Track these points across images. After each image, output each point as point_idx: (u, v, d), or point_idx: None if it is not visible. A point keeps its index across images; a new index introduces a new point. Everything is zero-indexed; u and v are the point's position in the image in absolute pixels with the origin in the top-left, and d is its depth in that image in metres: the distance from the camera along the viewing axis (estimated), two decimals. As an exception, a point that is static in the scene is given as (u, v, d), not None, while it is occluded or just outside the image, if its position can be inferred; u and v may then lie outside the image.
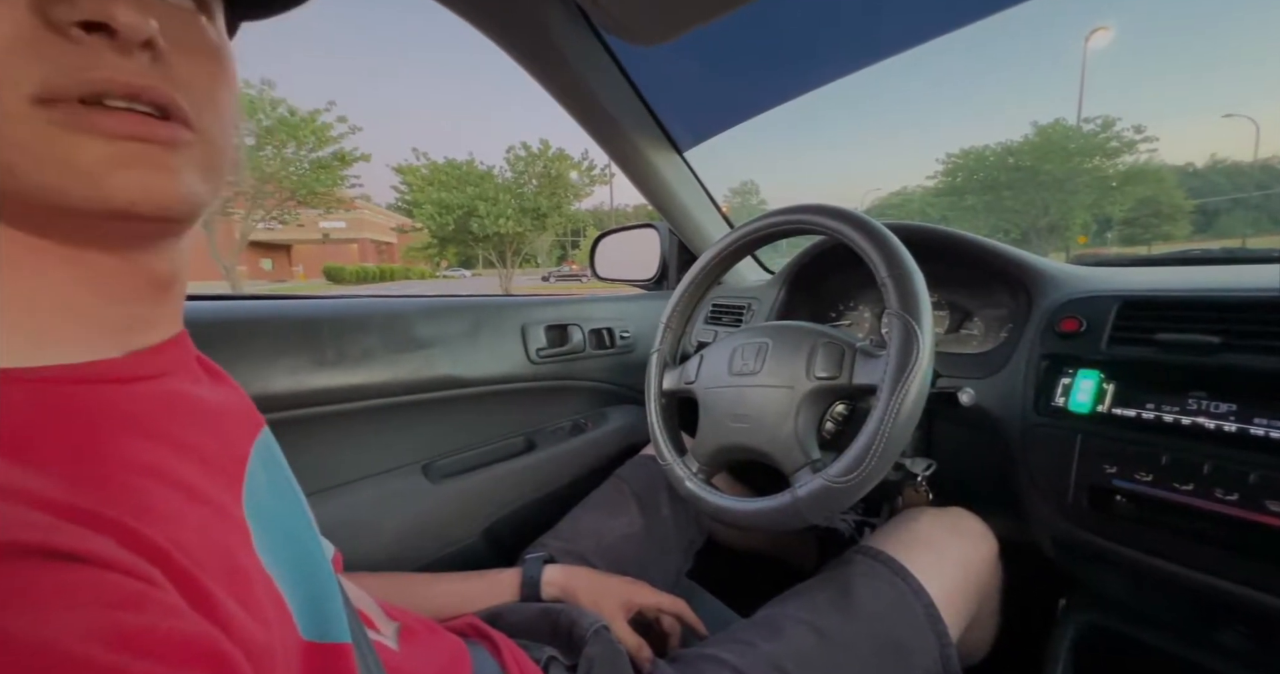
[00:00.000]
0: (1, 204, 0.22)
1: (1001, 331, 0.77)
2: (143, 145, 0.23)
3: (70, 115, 0.21)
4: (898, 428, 0.50)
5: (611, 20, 0.68)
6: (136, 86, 0.22)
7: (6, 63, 0.20)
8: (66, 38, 0.21)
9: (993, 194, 21.79)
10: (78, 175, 0.22)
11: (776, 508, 0.55)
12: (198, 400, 0.30)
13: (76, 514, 0.19)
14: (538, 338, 0.94)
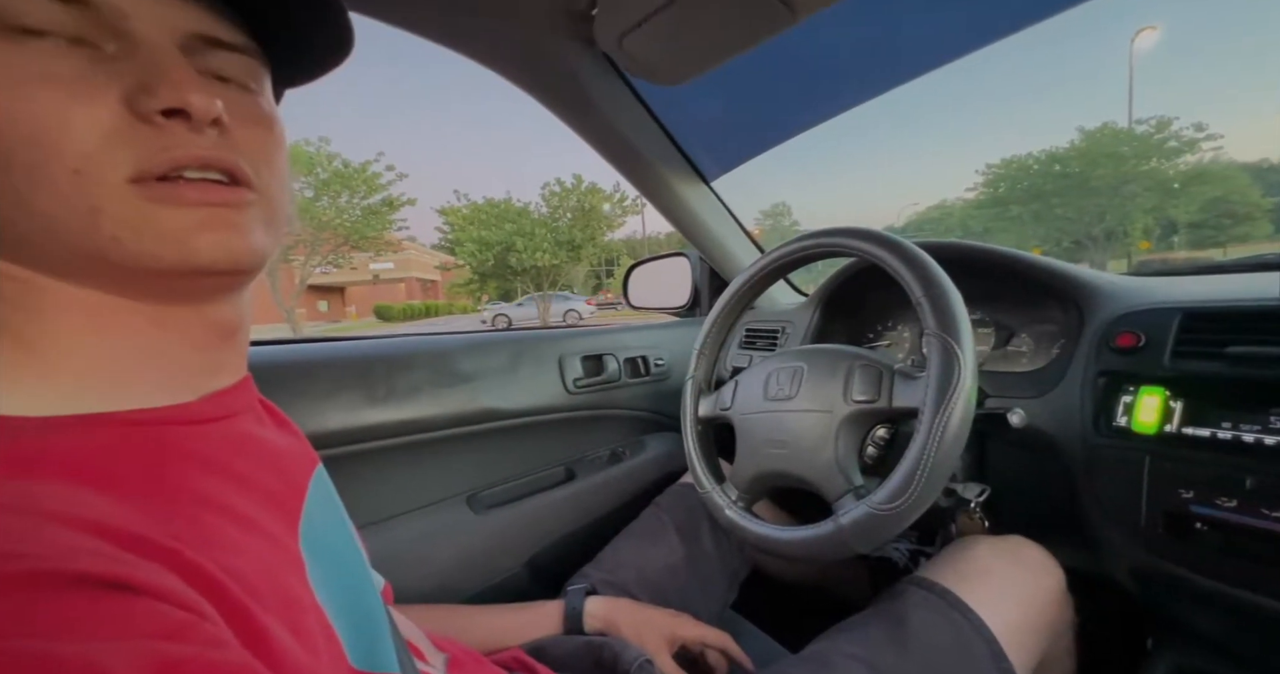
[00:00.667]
0: (104, 271, 0.25)
1: (1053, 348, 0.73)
2: (217, 209, 0.26)
3: (159, 190, 0.25)
4: (943, 452, 0.48)
5: (636, 65, 0.71)
6: (209, 158, 0.26)
7: (106, 151, 0.23)
8: (151, 124, 0.24)
9: (1040, 203, 20.88)
10: (169, 241, 0.25)
11: (820, 537, 0.53)
12: (261, 440, 0.33)
13: (139, 545, 0.21)
14: (574, 368, 0.96)
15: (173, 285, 0.27)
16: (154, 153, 0.24)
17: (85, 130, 0.23)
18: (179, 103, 0.24)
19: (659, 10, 0.59)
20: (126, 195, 0.24)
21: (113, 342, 0.27)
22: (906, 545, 0.84)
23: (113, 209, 0.24)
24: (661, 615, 0.62)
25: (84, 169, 0.23)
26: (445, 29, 0.66)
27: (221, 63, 0.27)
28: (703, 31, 0.63)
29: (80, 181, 0.23)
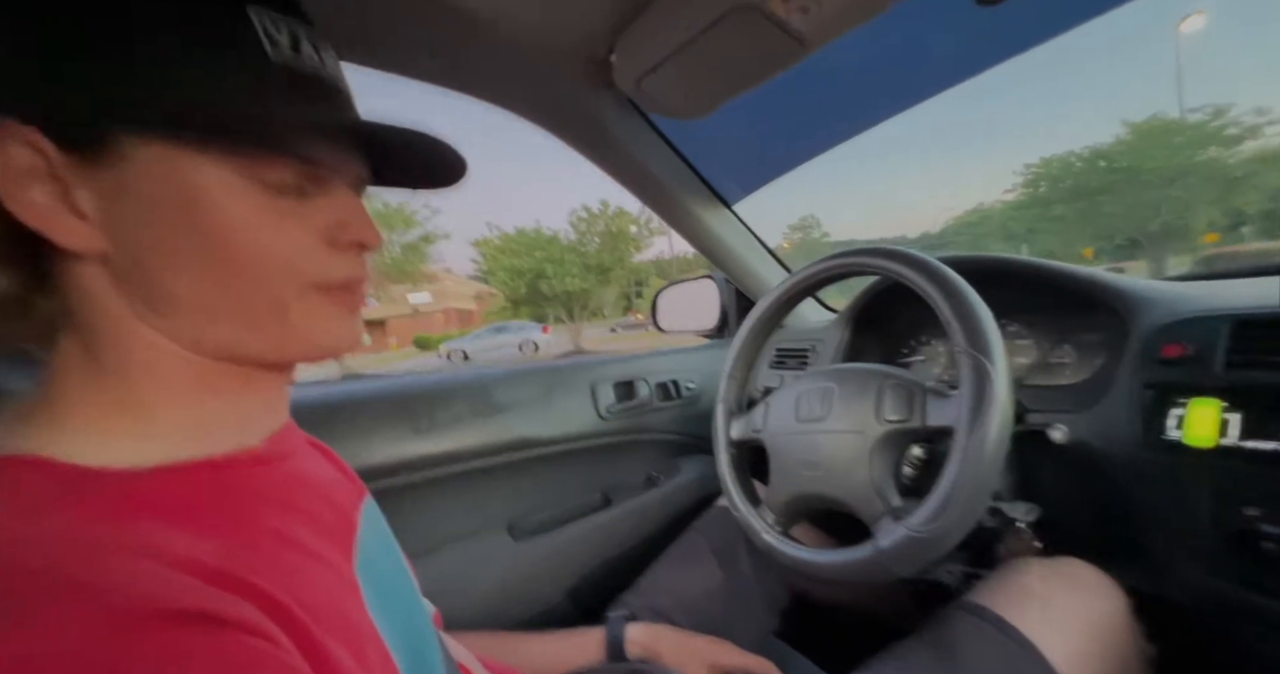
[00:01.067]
0: (241, 345, 0.30)
1: (1096, 359, 0.71)
2: (356, 307, 0.34)
3: (332, 297, 0.32)
4: (980, 471, 0.47)
5: (655, 103, 0.75)
6: (364, 275, 0.33)
7: (305, 263, 0.30)
8: (337, 249, 0.31)
9: (1086, 201, 19.93)
10: (323, 332, 0.32)
11: (859, 560, 0.53)
12: (314, 475, 0.37)
13: (222, 579, 0.24)
14: (606, 395, 0.98)
15: (300, 361, 0.34)
16: (337, 269, 0.31)
17: (298, 252, 0.30)
18: (363, 238, 0.32)
19: (674, 53, 0.63)
20: (308, 296, 0.31)
21: (210, 401, 0.31)
22: (960, 568, 0.81)
23: (297, 305, 0.30)
24: (703, 642, 0.62)
25: (287, 277, 0.30)
26: (471, 82, 0.71)
27: (361, 191, 0.35)
28: (717, 69, 0.65)
29: (283, 285, 0.30)
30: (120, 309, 0.28)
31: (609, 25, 0.62)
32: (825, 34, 0.57)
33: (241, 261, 0.28)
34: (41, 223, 0.26)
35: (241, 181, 0.28)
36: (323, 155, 0.30)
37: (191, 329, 0.29)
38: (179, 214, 0.27)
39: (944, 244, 27.56)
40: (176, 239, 0.27)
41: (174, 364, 0.30)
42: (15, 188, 0.26)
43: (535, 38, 0.63)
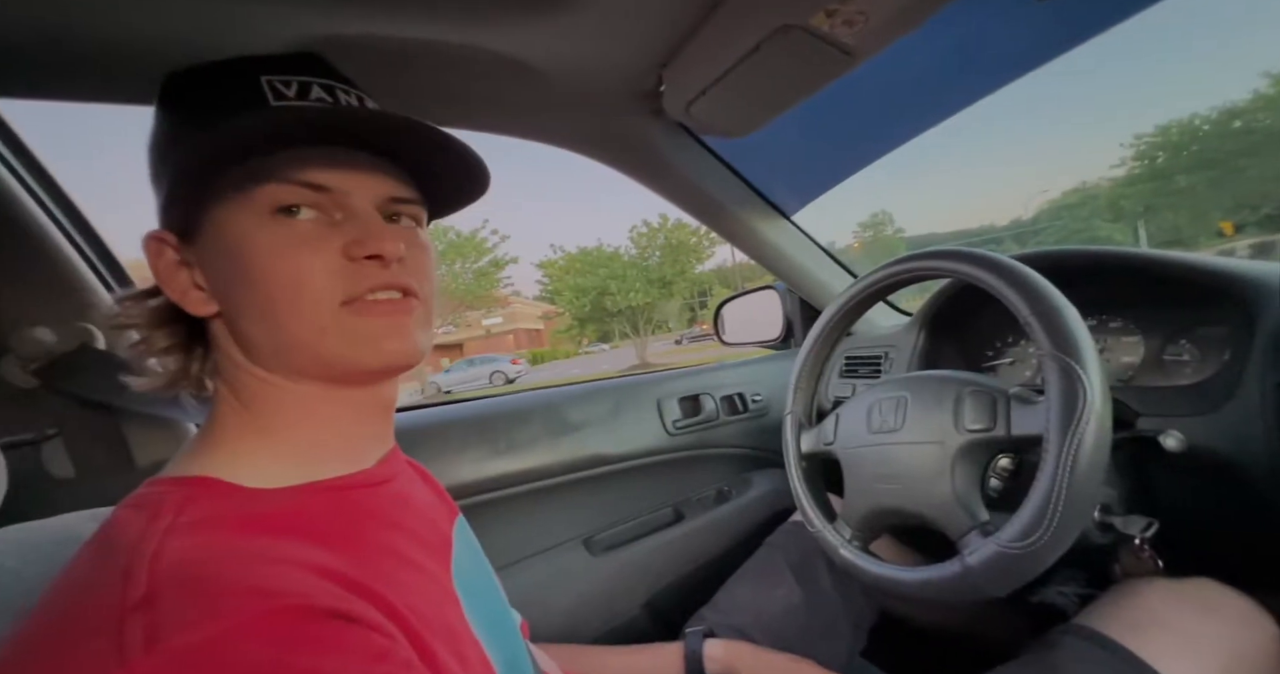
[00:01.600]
0: (323, 371, 0.35)
1: (1221, 356, 0.63)
2: (394, 320, 0.35)
3: (358, 307, 0.34)
4: (1077, 482, 0.44)
5: (705, 126, 0.77)
6: (390, 282, 0.35)
7: (330, 285, 0.33)
8: (356, 263, 0.34)
9: (1218, 169, 17.31)
10: (367, 347, 0.34)
11: (945, 578, 0.50)
12: (415, 497, 0.41)
13: (351, 586, 0.28)
14: (672, 410, 1.00)
15: (364, 378, 0.36)
16: (356, 282, 0.34)
17: (321, 274, 0.33)
18: (378, 250, 0.33)
19: (721, 77, 0.64)
20: (340, 315, 0.33)
21: (318, 425, 0.36)
22: (1075, 589, 0.74)
23: (332, 326, 0.33)
24: (783, 660, 0.61)
25: (319, 300, 0.33)
26: (527, 127, 0.76)
27: (400, 210, 0.37)
28: (765, 87, 0.66)
29: (316, 309, 0.33)
30: (238, 355, 0.35)
31: (657, 58, 0.65)
32: (874, 45, 0.57)
33: (275, 291, 0.32)
34: (182, 299, 0.35)
35: (265, 219, 0.32)
36: (326, 178, 0.33)
37: (278, 362, 0.34)
38: (234, 265, 0.33)
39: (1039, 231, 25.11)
40: (239, 288, 0.33)
41: (283, 396, 0.35)
42: (169, 277, 0.35)
43: (588, 80, 0.67)
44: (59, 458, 0.61)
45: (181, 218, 0.34)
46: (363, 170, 0.35)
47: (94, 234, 0.67)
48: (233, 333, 0.35)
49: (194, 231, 0.34)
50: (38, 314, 0.58)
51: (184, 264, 0.35)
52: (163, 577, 0.24)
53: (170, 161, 0.34)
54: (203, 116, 0.34)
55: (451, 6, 0.52)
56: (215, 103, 0.34)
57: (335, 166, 0.34)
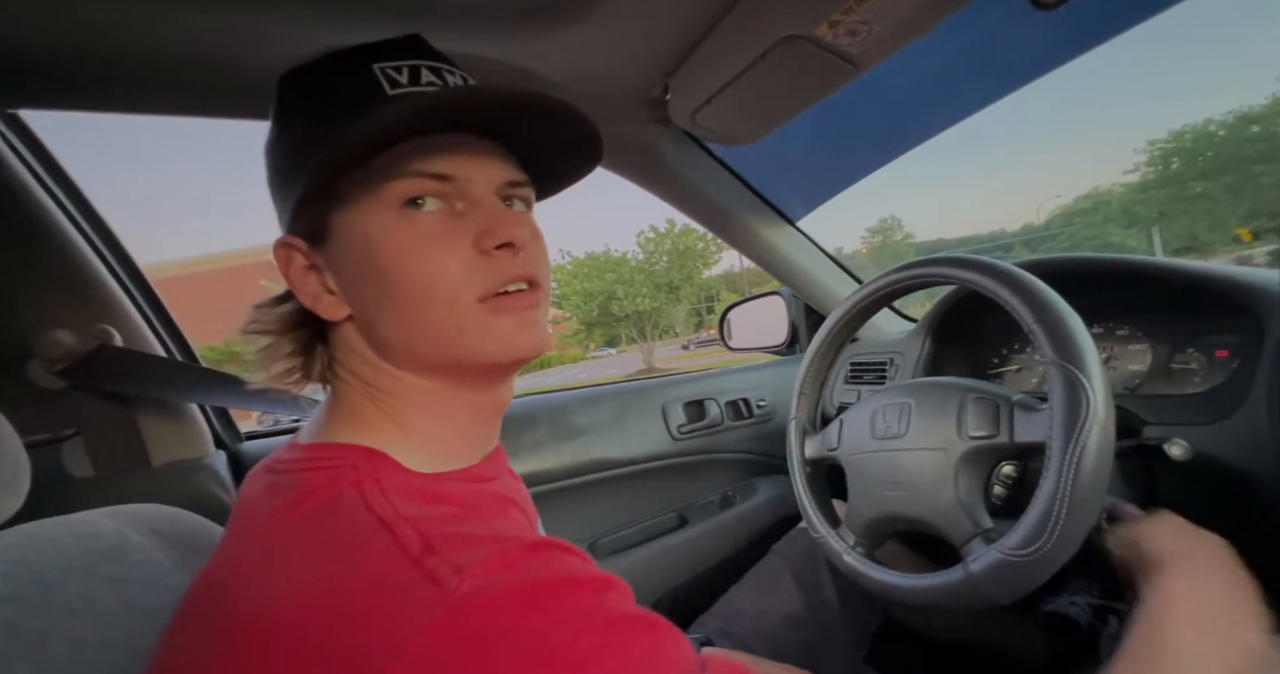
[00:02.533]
0: (452, 369, 0.35)
1: (1232, 364, 0.63)
2: (525, 313, 0.35)
3: (495, 304, 0.34)
4: (1080, 490, 0.44)
5: (710, 134, 0.78)
6: (523, 274, 0.34)
7: (465, 278, 0.33)
8: (489, 256, 0.33)
9: (1235, 174, 16.99)
10: (501, 341, 0.34)
11: (948, 585, 0.50)
12: (513, 494, 0.42)
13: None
14: (677, 415, 1.00)
15: (491, 375, 0.37)
16: (492, 276, 0.33)
17: (456, 271, 0.33)
18: (509, 238, 0.33)
19: (726, 86, 0.65)
20: (478, 312, 0.33)
21: (443, 421, 0.37)
22: (1088, 599, 0.73)
23: (470, 324, 0.33)
24: (779, 670, 0.61)
25: (455, 298, 0.33)
26: None
27: (514, 194, 0.37)
28: (770, 96, 0.67)
29: (454, 308, 0.33)
30: (372, 355, 0.35)
31: (663, 67, 0.66)
32: (877, 54, 0.58)
33: (411, 292, 0.32)
34: (314, 304, 0.35)
35: (392, 216, 0.32)
36: (449, 167, 0.33)
37: (412, 361, 0.35)
38: (366, 266, 0.33)
39: (1051, 237, 24.84)
40: (372, 290, 0.33)
41: (415, 393, 0.35)
42: (301, 283, 0.35)
43: (594, 90, 0.68)
44: (78, 457, 0.62)
45: (309, 222, 0.34)
46: (480, 156, 0.34)
47: (112, 237, 0.69)
48: (365, 335, 0.35)
49: (321, 235, 0.34)
50: (58, 317, 0.60)
51: (313, 268, 0.35)
52: (424, 529, 0.27)
53: (296, 167, 0.33)
54: (324, 116, 0.33)
55: (461, 18, 0.53)
56: (333, 99, 0.33)
57: (456, 154, 0.33)
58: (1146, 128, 47.20)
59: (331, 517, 0.28)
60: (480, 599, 0.24)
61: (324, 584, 0.25)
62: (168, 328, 0.73)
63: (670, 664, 0.27)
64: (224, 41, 0.51)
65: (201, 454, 0.70)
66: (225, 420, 0.78)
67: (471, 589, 0.24)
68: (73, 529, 0.39)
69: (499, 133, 0.35)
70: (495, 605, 0.24)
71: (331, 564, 0.26)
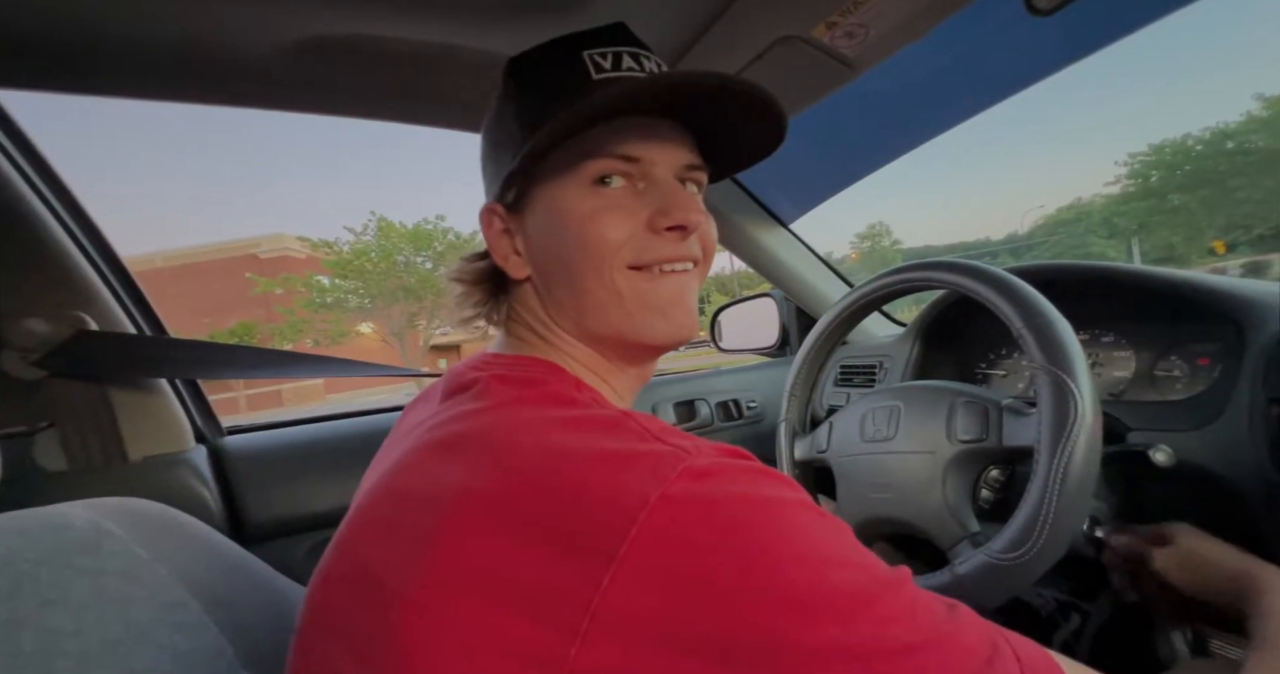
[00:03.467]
0: (613, 339, 0.38)
1: (1214, 371, 0.64)
2: (682, 290, 0.38)
3: (651, 277, 0.37)
4: (1067, 495, 0.44)
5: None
6: (683, 254, 0.37)
7: (622, 246, 0.36)
8: (659, 235, 0.36)
9: (1211, 188, 17.42)
10: (657, 314, 0.37)
11: (935, 588, 0.50)
12: None
13: None
14: (667, 415, 1.00)
15: (648, 351, 0.40)
16: (649, 251, 0.36)
17: (617, 237, 0.36)
18: (683, 221, 0.36)
19: None
20: (631, 278, 0.36)
21: (599, 382, 0.39)
22: (1055, 594, 0.74)
23: (627, 291, 0.36)
24: None
25: (608, 259, 0.36)
26: None
27: (693, 176, 0.39)
28: (764, 96, 0.67)
29: (605, 268, 0.36)
30: (544, 315, 0.39)
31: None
32: (873, 56, 0.58)
33: (584, 248, 0.35)
34: (505, 263, 0.40)
35: (585, 190, 0.36)
36: (638, 149, 0.36)
37: (577, 326, 0.38)
38: (551, 231, 0.37)
39: (1034, 246, 25.27)
40: (551, 252, 0.37)
41: (579, 353, 0.39)
42: (496, 244, 0.40)
43: None
44: (52, 450, 0.60)
45: (513, 192, 0.38)
46: (665, 140, 0.37)
47: (90, 223, 0.67)
48: (542, 296, 0.39)
49: (521, 204, 0.38)
50: (31, 305, 0.58)
51: (507, 233, 0.39)
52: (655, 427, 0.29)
53: (508, 143, 0.37)
54: (539, 99, 0.37)
55: (456, 7, 0.52)
56: (547, 84, 0.37)
57: (645, 137, 0.36)
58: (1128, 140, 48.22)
59: (571, 405, 0.31)
60: (718, 470, 0.26)
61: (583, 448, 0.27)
62: (145, 315, 0.71)
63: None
64: (215, 26, 0.50)
65: (181, 448, 0.68)
66: (206, 414, 0.76)
67: (709, 463, 0.26)
68: (43, 521, 0.37)
69: (686, 116, 0.38)
70: (731, 476, 0.26)
71: (588, 436, 0.28)
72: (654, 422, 0.30)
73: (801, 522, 0.26)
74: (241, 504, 0.70)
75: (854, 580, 0.24)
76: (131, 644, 0.34)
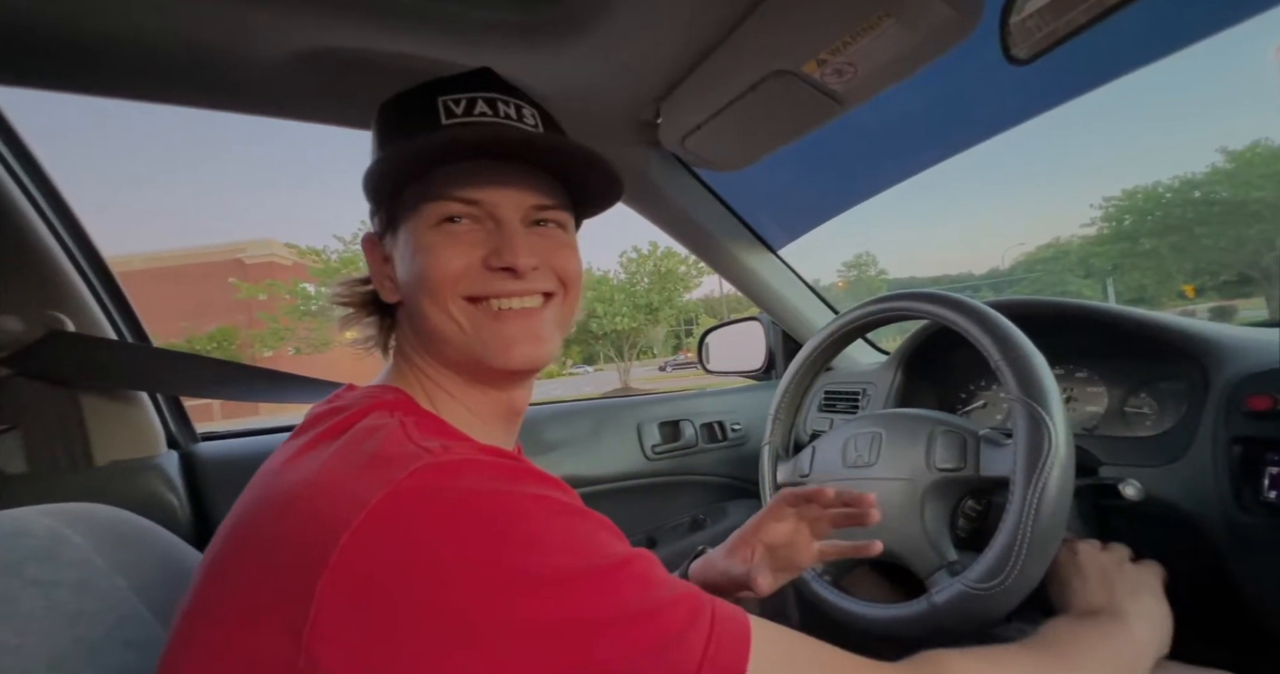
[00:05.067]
0: (465, 365, 0.40)
1: (1178, 410, 0.66)
2: (527, 325, 0.40)
3: (494, 315, 0.39)
4: (1041, 526, 0.45)
5: (698, 159, 0.80)
6: (526, 290, 0.40)
7: (459, 279, 0.38)
8: (493, 272, 0.38)
9: (1180, 234, 18.24)
10: (499, 348, 0.39)
11: (910, 616, 0.50)
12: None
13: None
14: (652, 435, 0.99)
15: (496, 378, 0.42)
16: (483, 285, 0.39)
17: (455, 270, 0.38)
18: (511, 264, 0.38)
19: (716, 114, 0.67)
20: (468, 310, 0.39)
21: (465, 413, 0.41)
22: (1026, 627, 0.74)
23: (466, 322, 0.39)
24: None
25: (446, 291, 0.38)
26: None
27: (547, 216, 0.42)
28: (758, 126, 0.69)
29: (443, 298, 0.38)
30: (413, 338, 0.42)
31: (655, 92, 0.68)
32: (861, 93, 0.60)
33: (425, 279, 0.38)
34: (380, 288, 0.43)
35: (431, 225, 0.39)
36: (480, 193, 0.38)
37: (434, 351, 0.40)
38: (407, 261, 0.39)
39: (1014, 281, 25.96)
40: (409, 282, 0.39)
41: (439, 375, 0.41)
42: (376, 270, 0.43)
43: (588, 108, 0.69)
44: (13, 452, 0.58)
45: (382, 223, 0.42)
46: (511, 184, 0.39)
47: (74, 222, 0.66)
48: (409, 320, 0.42)
49: (390, 234, 0.41)
50: (5, 302, 0.57)
51: (384, 260, 0.42)
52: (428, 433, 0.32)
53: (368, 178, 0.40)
54: (393, 138, 0.41)
55: (460, 28, 0.53)
56: (401, 126, 0.41)
57: (488, 182, 0.39)
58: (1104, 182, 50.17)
59: (368, 436, 0.33)
60: (457, 465, 0.29)
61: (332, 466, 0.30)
62: (126, 319, 0.70)
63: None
64: (220, 33, 0.50)
65: (151, 453, 0.66)
66: (180, 418, 0.74)
67: (450, 459, 0.29)
68: (0, 526, 0.36)
69: (539, 162, 0.41)
70: (470, 469, 0.29)
71: (351, 448, 0.31)
72: (427, 434, 0.32)
73: (530, 510, 0.29)
74: (213, 512, 0.68)
75: (570, 565, 0.27)
76: (78, 663, 0.32)
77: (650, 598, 0.29)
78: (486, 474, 0.29)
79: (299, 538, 0.28)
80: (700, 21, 0.55)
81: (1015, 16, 0.44)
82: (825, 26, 0.52)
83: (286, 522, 0.29)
